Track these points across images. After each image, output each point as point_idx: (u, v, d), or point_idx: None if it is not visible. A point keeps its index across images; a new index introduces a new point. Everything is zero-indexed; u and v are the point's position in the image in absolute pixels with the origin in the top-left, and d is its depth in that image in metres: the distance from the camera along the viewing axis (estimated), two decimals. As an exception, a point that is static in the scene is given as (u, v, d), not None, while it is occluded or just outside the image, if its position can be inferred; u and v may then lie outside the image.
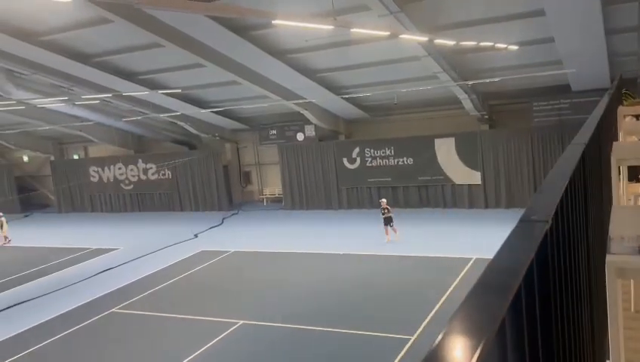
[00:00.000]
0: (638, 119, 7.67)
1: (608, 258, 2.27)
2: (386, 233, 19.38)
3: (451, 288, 14.42)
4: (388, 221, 19.36)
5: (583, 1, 12.74)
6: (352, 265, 17.52)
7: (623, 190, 5.30)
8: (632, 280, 3.31)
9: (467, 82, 19.83)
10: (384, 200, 20.39)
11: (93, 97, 20.86)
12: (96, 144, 31.83)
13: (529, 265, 1.14)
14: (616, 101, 7.91)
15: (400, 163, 24.89)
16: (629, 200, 5.34)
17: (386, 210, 19.47)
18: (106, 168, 31.53)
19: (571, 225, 1.83)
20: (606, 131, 4.88)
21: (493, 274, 1.08)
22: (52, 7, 14.04)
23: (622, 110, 7.46)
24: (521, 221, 1.36)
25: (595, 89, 19.56)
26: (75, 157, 34.05)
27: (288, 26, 10.95)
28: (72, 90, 21.16)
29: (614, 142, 4.89)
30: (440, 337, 0.84)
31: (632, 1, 12.61)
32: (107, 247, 22.86)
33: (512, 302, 1.01)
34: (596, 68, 18.03)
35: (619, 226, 2.64)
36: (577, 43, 15.47)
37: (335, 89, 22.09)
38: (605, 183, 3.93)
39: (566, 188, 1.75)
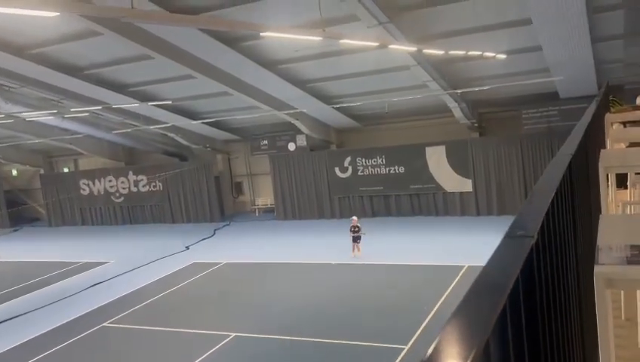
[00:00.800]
0: (625, 126, 7.73)
1: (597, 268, 2.27)
2: (353, 249, 19.02)
3: (444, 296, 14.41)
4: (356, 239, 19.00)
5: (569, 9, 12.87)
6: (346, 275, 17.47)
7: (611, 197, 5.33)
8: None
9: (457, 91, 19.94)
10: (355, 217, 19.90)
11: (83, 110, 20.80)
12: (87, 156, 31.69)
13: (514, 282, 1.14)
14: (603, 108, 7.97)
15: (391, 171, 24.94)
16: (618, 206, 5.36)
17: (356, 228, 19.05)
18: (96, 181, 31.33)
19: (559, 237, 1.83)
20: (594, 138, 4.91)
21: (477, 294, 1.07)
22: (40, 21, 14.00)
23: (609, 117, 7.51)
24: (507, 236, 1.35)
25: (583, 96, 19.74)
26: (65, 170, 33.86)
27: (278, 37, 10.98)
28: (62, 102, 21.07)
29: (602, 150, 4.92)
30: (424, 357, 0.83)
31: (617, 10, 12.76)
32: (98, 261, 22.66)
33: (498, 320, 1.00)
34: (583, 75, 18.19)
35: (607, 236, 2.65)
36: (564, 51, 15.62)
37: (326, 99, 22.14)
38: (594, 191, 3.95)
39: (552, 201, 1.74)
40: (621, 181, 6.01)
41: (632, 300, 3.84)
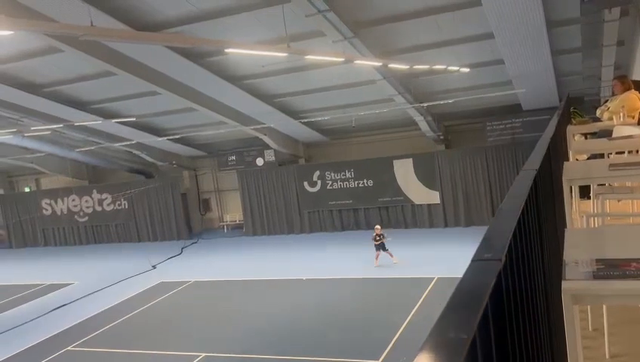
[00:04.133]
0: (586, 138, 7.89)
1: (564, 284, 2.26)
2: (376, 258, 18.95)
3: (415, 309, 14.43)
4: (381, 247, 18.91)
5: (529, 24, 13.19)
6: (316, 290, 17.35)
7: (575, 208, 5.40)
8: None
9: (422, 104, 20.18)
10: (379, 226, 19.89)
11: (44, 128, 20.27)
12: (49, 175, 30.91)
13: (484, 309, 1.09)
14: (565, 120, 8.12)
15: (360, 185, 25.02)
16: (582, 217, 5.44)
17: (380, 237, 18.98)
18: (59, 200, 30.55)
19: (526, 256, 1.80)
20: (557, 151, 4.97)
21: (447, 322, 1.02)
22: (-2, 38, 13.63)
23: (571, 129, 7.65)
24: (474, 260, 1.31)
25: (545, 108, 20.24)
26: (27, 189, 32.93)
27: (243, 53, 10.93)
28: (22, 121, 20.51)
29: (565, 163, 4.99)
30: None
31: (575, 24, 13.13)
32: (62, 282, 22.03)
33: (469, 348, 0.96)
34: (545, 87, 18.64)
35: (573, 250, 2.65)
36: (526, 64, 15.98)
37: (293, 113, 22.14)
38: (559, 205, 3.98)
39: (519, 220, 1.72)
40: (584, 192, 6.10)
41: (599, 311, 3.86)
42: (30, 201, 31.32)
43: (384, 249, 18.94)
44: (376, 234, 19.15)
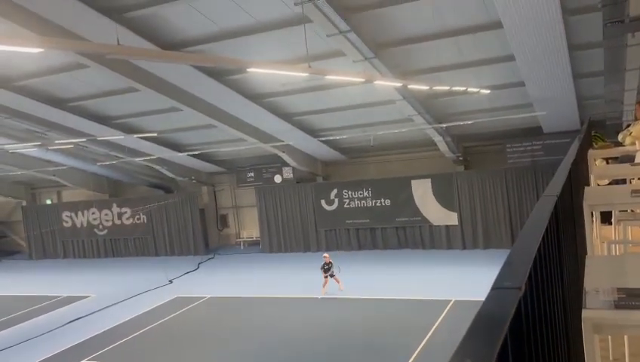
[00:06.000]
0: (608, 162, 7.80)
1: (584, 313, 2.23)
2: (324, 286, 18.51)
3: (431, 331, 14.26)
4: (330, 275, 18.54)
5: (551, 47, 13.15)
6: (330, 310, 17.25)
7: (596, 234, 5.34)
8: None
9: (441, 125, 20.15)
10: (327, 255, 19.38)
11: (68, 142, 20.65)
12: (70, 188, 31.35)
13: (503, 339, 1.09)
14: (586, 144, 8.05)
15: (378, 204, 24.94)
16: (603, 243, 5.36)
17: (330, 264, 18.59)
18: (79, 213, 30.93)
19: (546, 284, 1.80)
20: (578, 176, 4.93)
21: (465, 356, 1.03)
22: (26, 54, 13.96)
23: (592, 153, 7.58)
24: (494, 289, 1.31)
25: (566, 131, 20.05)
26: (48, 202, 33.43)
27: (265, 72, 11.05)
28: (46, 134, 20.92)
29: (586, 188, 4.94)
30: None
31: (597, 48, 13.05)
32: (79, 295, 22.21)
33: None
34: (566, 110, 18.50)
35: (593, 278, 2.62)
36: (547, 87, 15.90)
37: (312, 131, 22.24)
38: (579, 230, 3.94)
39: (539, 247, 1.72)
40: (605, 217, 6.02)
41: (620, 340, 3.80)
42: (51, 214, 31.74)
43: (328, 274, 18.43)
44: (325, 263, 18.62)
